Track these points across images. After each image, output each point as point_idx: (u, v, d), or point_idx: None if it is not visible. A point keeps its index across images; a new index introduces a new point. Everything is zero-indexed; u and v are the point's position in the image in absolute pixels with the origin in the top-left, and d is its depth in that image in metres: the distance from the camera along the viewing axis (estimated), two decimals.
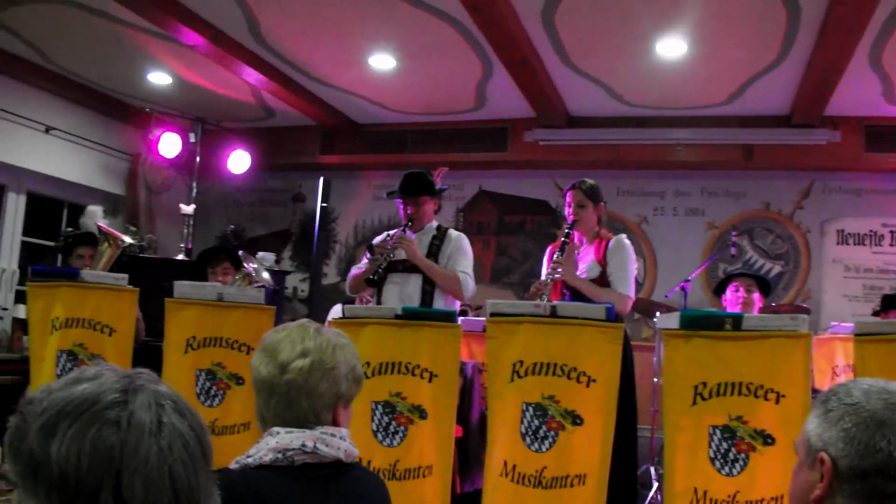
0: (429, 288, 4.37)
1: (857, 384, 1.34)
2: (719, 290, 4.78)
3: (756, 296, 4.63)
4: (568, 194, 4.35)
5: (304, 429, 1.82)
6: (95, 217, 6.07)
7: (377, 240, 4.45)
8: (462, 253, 4.45)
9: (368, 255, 4.42)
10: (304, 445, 1.78)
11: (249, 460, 1.77)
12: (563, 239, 4.22)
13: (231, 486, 1.68)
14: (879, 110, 6.61)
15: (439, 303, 4.35)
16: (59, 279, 4.29)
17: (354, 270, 4.59)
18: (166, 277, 4.65)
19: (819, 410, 1.35)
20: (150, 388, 1.05)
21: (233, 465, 1.78)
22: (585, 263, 4.25)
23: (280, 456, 1.76)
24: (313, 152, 8.33)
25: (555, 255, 4.20)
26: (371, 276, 4.26)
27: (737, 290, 4.64)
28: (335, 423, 1.90)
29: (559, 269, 4.11)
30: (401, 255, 4.34)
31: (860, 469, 1.24)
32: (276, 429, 1.83)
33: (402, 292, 4.35)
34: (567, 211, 4.35)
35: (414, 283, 4.37)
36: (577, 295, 4.12)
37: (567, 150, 7.48)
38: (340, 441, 1.86)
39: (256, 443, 1.82)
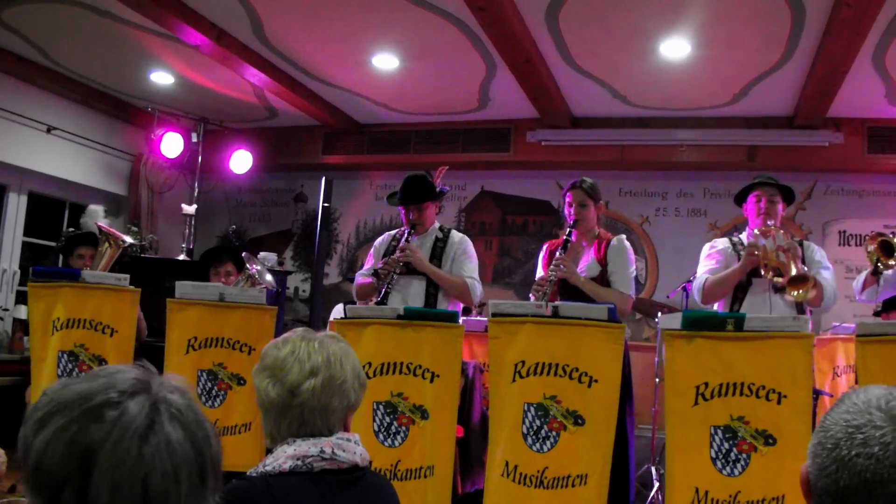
0: (433, 291, 4.36)
1: (850, 396, 1.24)
2: (740, 198, 4.50)
3: (780, 206, 4.30)
4: (568, 194, 4.32)
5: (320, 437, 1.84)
6: (96, 217, 6.06)
7: (379, 263, 4.40)
8: (467, 257, 4.44)
9: (374, 279, 4.38)
10: (322, 451, 1.79)
11: (268, 468, 1.76)
12: (564, 237, 4.20)
13: (254, 491, 1.69)
14: (882, 112, 6.60)
15: (443, 306, 4.34)
16: (61, 280, 4.29)
17: (360, 279, 4.58)
18: (168, 278, 4.65)
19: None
20: (156, 394, 1.01)
21: (250, 475, 1.78)
22: (585, 262, 4.23)
23: (299, 463, 1.77)
24: (316, 152, 8.33)
25: (557, 253, 4.16)
26: (378, 298, 4.26)
27: (758, 200, 4.34)
28: (345, 429, 1.92)
29: (563, 267, 4.08)
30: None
31: (817, 488, 1.18)
32: (291, 438, 1.84)
33: (407, 295, 4.35)
34: (567, 210, 4.32)
35: (417, 286, 4.36)
36: (576, 294, 4.09)
37: (570, 150, 7.46)
38: (355, 446, 1.88)
39: (272, 453, 1.82)
